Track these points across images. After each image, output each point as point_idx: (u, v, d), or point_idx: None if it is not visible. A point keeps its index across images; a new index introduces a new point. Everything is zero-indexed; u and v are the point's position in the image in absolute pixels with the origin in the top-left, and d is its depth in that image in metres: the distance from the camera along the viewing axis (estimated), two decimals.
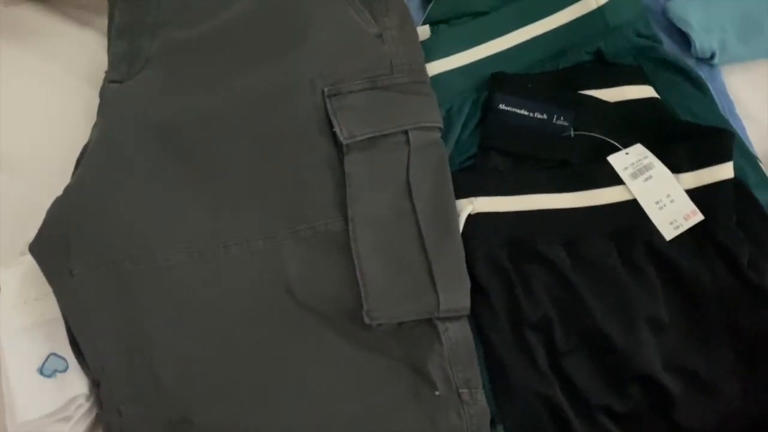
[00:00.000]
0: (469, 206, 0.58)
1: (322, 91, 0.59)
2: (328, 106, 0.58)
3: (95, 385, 0.54)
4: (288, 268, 0.56)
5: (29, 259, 0.59)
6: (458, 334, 0.53)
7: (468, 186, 0.59)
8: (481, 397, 0.53)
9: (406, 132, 0.57)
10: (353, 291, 0.54)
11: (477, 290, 0.55)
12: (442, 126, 0.59)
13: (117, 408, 0.53)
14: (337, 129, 0.57)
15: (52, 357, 0.57)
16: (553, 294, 0.56)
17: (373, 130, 0.57)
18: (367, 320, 0.53)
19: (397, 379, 0.53)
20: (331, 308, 0.55)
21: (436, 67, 0.65)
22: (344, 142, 0.57)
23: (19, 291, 0.59)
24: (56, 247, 0.55)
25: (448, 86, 0.64)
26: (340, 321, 0.54)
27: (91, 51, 0.72)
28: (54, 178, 0.59)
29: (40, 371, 0.56)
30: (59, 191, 0.61)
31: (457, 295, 0.54)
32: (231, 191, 0.59)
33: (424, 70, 0.61)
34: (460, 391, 0.52)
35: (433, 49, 0.65)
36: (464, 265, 0.55)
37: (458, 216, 0.57)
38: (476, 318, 0.55)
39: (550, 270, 0.56)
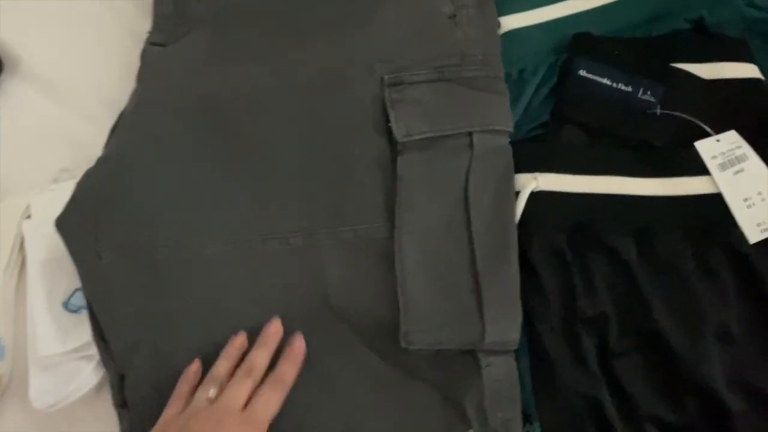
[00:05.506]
0: (533, 182, 0.53)
1: (382, 79, 0.54)
2: (387, 97, 0.53)
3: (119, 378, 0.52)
4: (326, 272, 0.52)
5: (61, 187, 0.58)
6: (501, 371, 0.48)
7: (534, 159, 0.54)
8: None
9: (470, 134, 0.52)
10: (392, 306, 0.49)
11: (531, 276, 0.51)
12: (512, 130, 0.53)
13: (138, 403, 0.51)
14: (393, 124, 0.52)
15: (78, 293, 0.55)
16: (614, 289, 0.51)
17: (434, 129, 0.52)
18: (403, 343, 0.48)
19: (430, 408, 0.49)
20: (366, 321, 0.51)
21: (512, 22, 0.58)
22: (399, 140, 0.51)
23: (49, 219, 0.57)
24: (85, 226, 0.53)
25: (525, 44, 0.58)
26: (375, 336, 0.50)
27: None
28: (96, 108, 0.56)
29: (65, 306, 0.55)
30: (100, 123, 0.58)
31: (506, 327, 0.48)
32: (274, 180, 0.54)
33: (499, 62, 0.55)
34: None
35: (512, 1, 0.58)
36: (518, 293, 0.49)
37: (516, 232, 0.51)
38: (526, 306, 0.50)
39: (614, 262, 0.51)
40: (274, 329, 0.51)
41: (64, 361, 0.53)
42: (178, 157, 0.55)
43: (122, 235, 0.53)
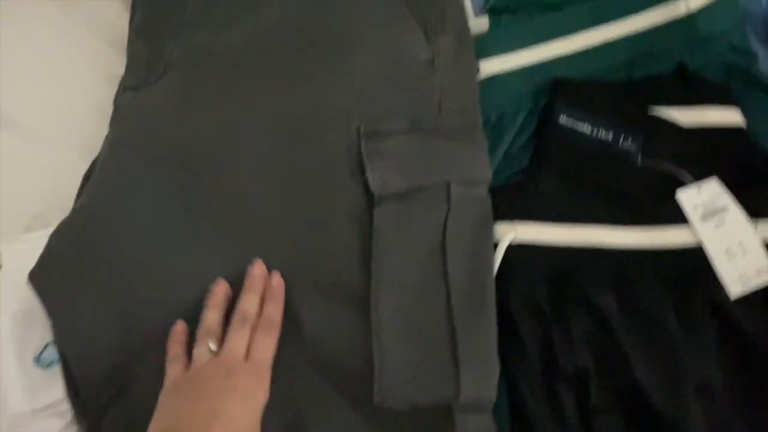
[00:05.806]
0: (511, 233, 0.52)
1: (358, 129, 0.53)
2: (363, 148, 0.52)
3: None
4: (303, 320, 0.51)
5: (34, 237, 0.56)
6: (478, 430, 0.47)
7: (513, 207, 0.53)
8: None
9: (447, 185, 0.51)
10: (367, 357, 0.48)
11: (509, 330, 0.50)
12: (490, 179, 0.53)
13: None
14: (369, 177, 0.51)
15: (50, 346, 0.54)
16: (593, 344, 0.50)
17: (410, 182, 0.51)
18: (377, 399, 0.46)
19: None
20: (341, 371, 0.49)
21: (492, 66, 0.57)
22: (376, 192, 0.50)
23: (21, 270, 0.55)
24: (59, 280, 0.51)
25: (504, 90, 0.57)
26: (350, 387, 0.49)
27: (117, 13, 0.66)
28: (69, 153, 0.55)
29: (37, 360, 0.54)
30: (73, 168, 0.57)
31: (482, 384, 0.47)
32: (250, 229, 0.53)
33: (477, 110, 0.54)
34: None
35: (491, 45, 0.58)
36: (495, 348, 0.48)
37: (494, 285, 0.49)
38: (504, 360, 0.49)
39: (593, 316, 0.50)
40: (258, 271, 0.50)
41: (36, 419, 0.52)
42: (152, 207, 0.54)
43: (98, 289, 0.52)
